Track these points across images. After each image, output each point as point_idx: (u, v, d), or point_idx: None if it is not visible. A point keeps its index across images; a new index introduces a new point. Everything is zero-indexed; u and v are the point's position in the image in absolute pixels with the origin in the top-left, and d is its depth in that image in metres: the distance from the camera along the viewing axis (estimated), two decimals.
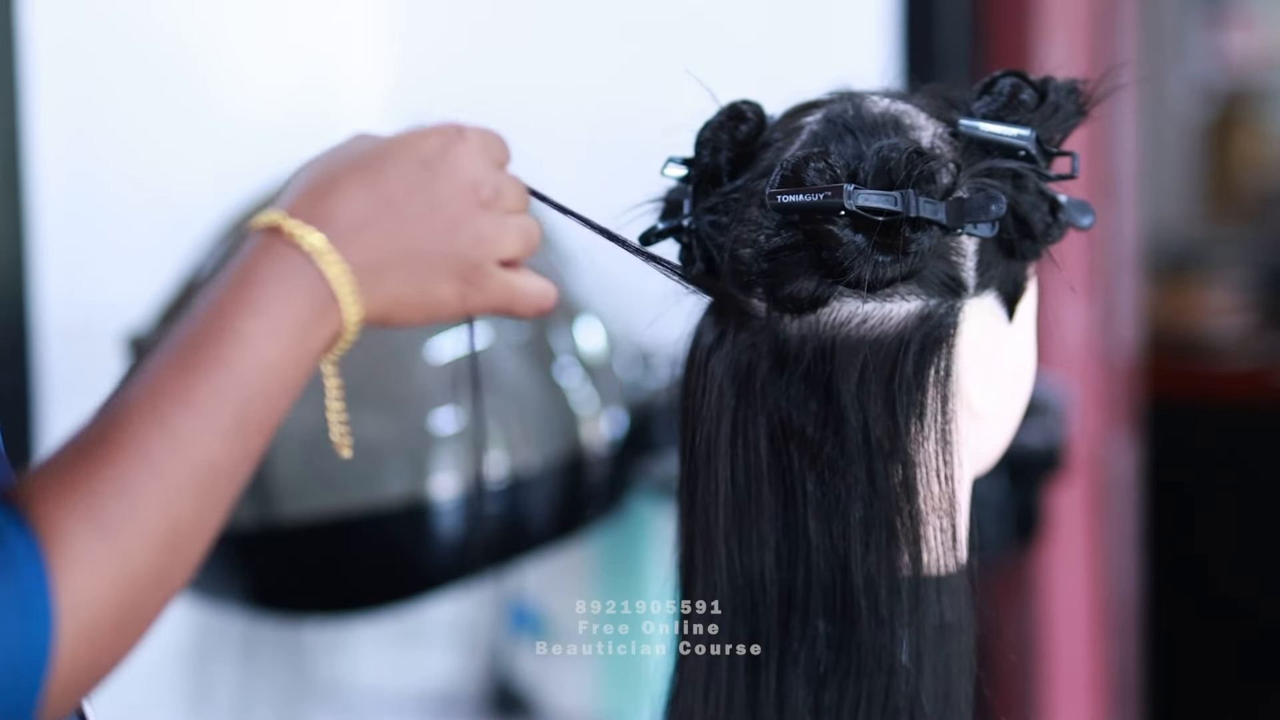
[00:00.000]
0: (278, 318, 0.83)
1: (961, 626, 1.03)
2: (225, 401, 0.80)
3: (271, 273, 0.84)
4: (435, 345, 1.85)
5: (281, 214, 0.87)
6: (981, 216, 1.01)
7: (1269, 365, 3.59)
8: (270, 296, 0.83)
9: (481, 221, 0.90)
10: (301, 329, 0.84)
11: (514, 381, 1.87)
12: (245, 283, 0.83)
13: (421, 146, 0.89)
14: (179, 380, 0.80)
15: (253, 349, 0.81)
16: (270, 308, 0.83)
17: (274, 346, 0.82)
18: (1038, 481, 2.19)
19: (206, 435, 0.79)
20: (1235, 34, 4.18)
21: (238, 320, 0.82)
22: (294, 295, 0.84)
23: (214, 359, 0.80)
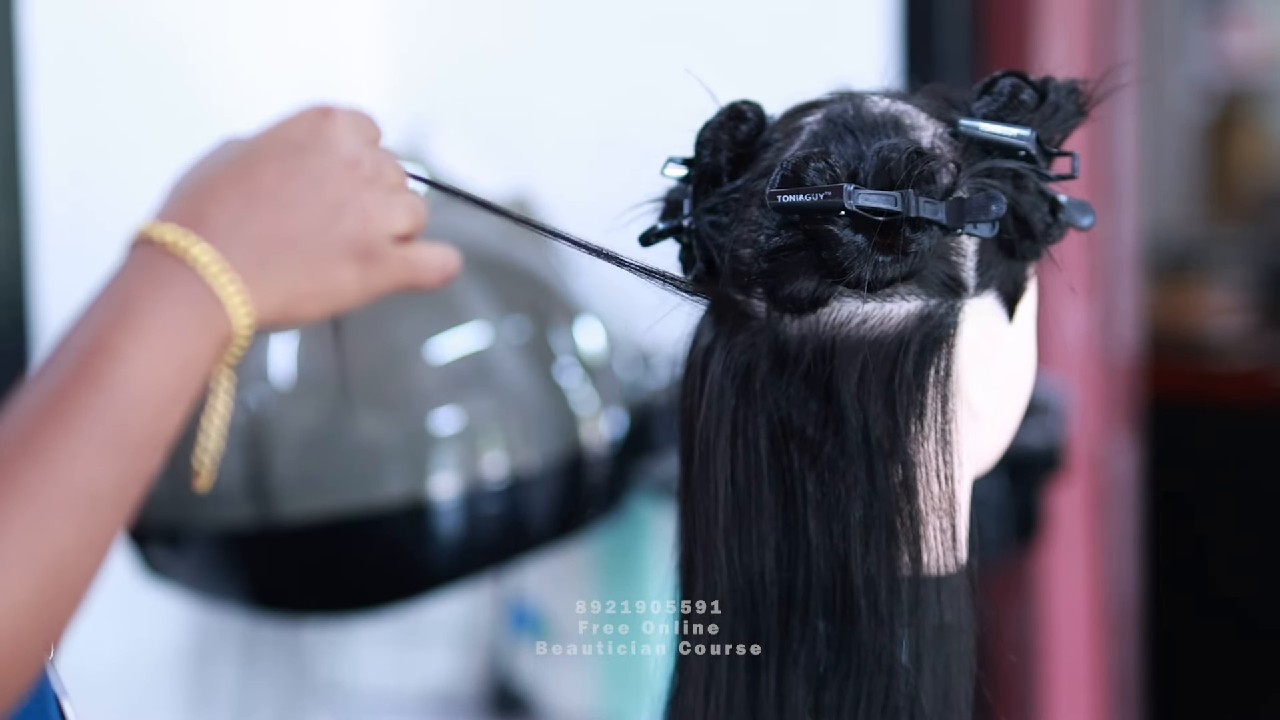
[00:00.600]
0: (154, 331, 0.79)
1: (961, 626, 1.03)
2: (99, 422, 0.76)
3: (146, 284, 0.80)
4: (435, 345, 1.85)
5: (153, 222, 0.83)
6: (981, 216, 1.01)
7: (1269, 365, 3.59)
8: (146, 309, 0.79)
9: (366, 198, 0.85)
10: (182, 340, 0.79)
11: (514, 381, 1.87)
12: (119, 296, 0.80)
13: (290, 132, 0.85)
14: (50, 402, 0.76)
15: (128, 366, 0.77)
16: (146, 321, 0.79)
17: (151, 361, 0.78)
18: (1038, 481, 2.19)
19: (82, 458, 0.75)
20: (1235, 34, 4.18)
21: (112, 337, 0.78)
22: (172, 306, 0.80)
23: (86, 379, 0.76)
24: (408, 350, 1.84)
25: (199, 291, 0.80)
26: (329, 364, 1.83)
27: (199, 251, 0.81)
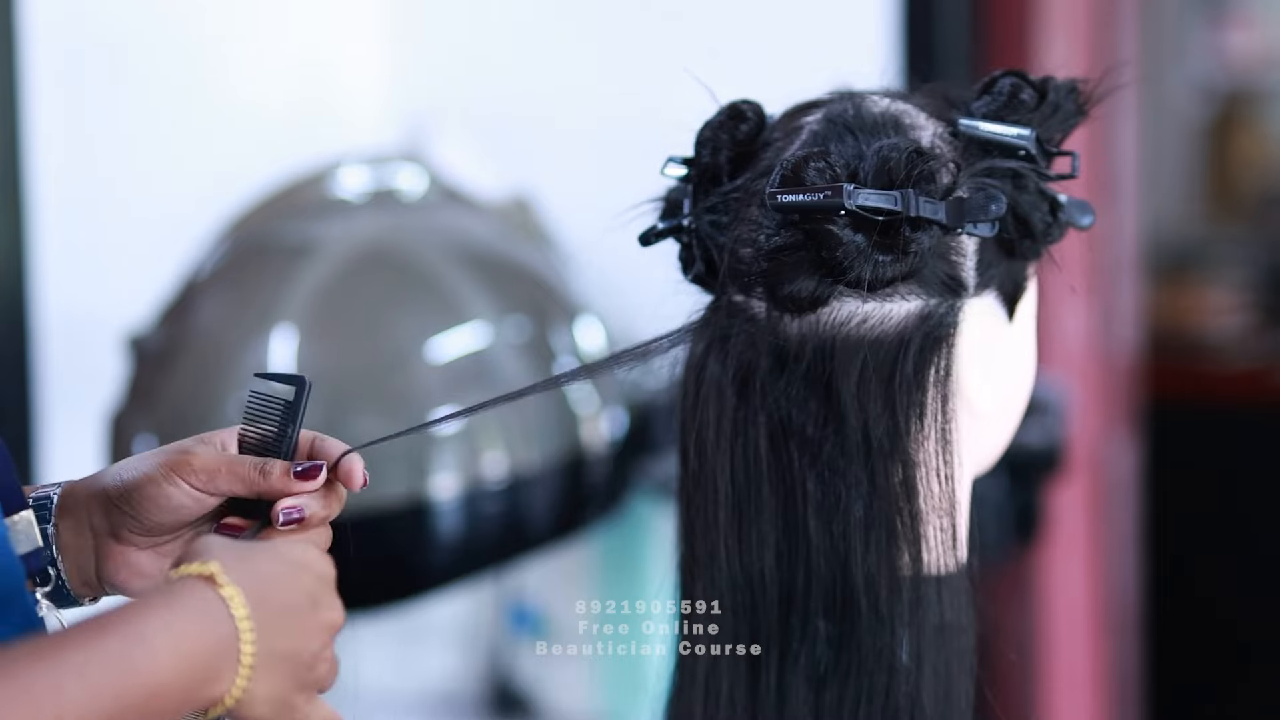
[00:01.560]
0: (183, 648, 0.83)
1: (961, 626, 1.03)
2: (114, 698, 0.80)
3: (194, 607, 0.85)
4: (435, 345, 1.85)
5: (215, 565, 0.86)
6: (981, 216, 1.01)
7: (1269, 365, 3.59)
8: (187, 628, 0.84)
9: (330, 647, 0.92)
10: (193, 670, 0.84)
11: (514, 381, 1.87)
12: (167, 605, 0.84)
13: (306, 552, 0.92)
14: (76, 654, 0.80)
15: (152, 660, 0.82)
16: (181, 635, 0.83)
17: (168, 669, 0.82)
18: (1038, 481, 2.18)
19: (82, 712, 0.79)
20: (1235, 34, 4.18)
21: (152, 635, 0.82)
22: (203, 639, 0.84)
23: (120, 656, 0.81)
24: (408, 350, 1.84)
25: (222, 633, 0.85)
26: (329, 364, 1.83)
27: (244, 617, 0.86)
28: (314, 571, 0.91)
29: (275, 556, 0.90)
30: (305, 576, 0.91)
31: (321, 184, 1.99)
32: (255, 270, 1.89)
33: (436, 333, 1.85)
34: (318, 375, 1.83)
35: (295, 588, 0.90)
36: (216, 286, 1.90)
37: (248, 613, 0.85)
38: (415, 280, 1.88)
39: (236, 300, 1.87)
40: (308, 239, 1.90)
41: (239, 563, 0.87)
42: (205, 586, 0.85)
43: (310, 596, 0.90)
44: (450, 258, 1.90)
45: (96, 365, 2.04)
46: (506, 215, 2.09)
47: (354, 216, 1.95)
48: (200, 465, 0.95)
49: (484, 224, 2.02)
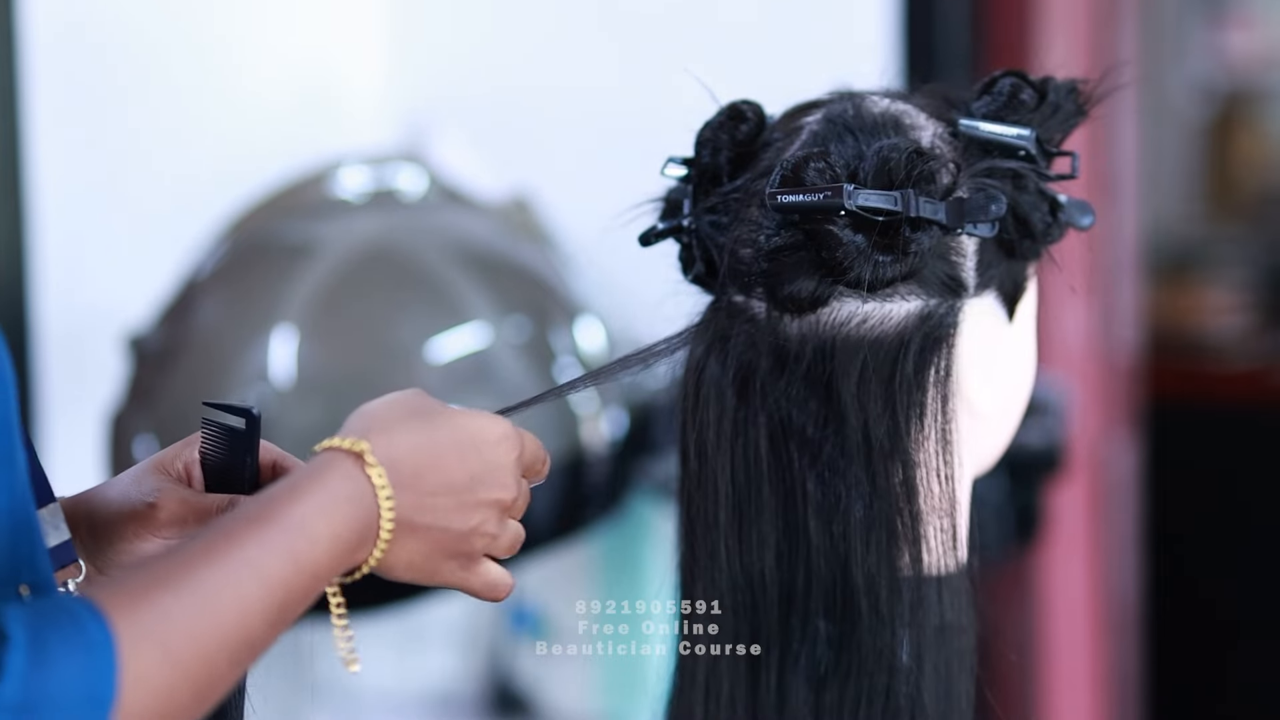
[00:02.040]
0: (339, 533, 0.88)
1: (962, 626, 1.03)
2: (283, 587, 0.85)
3: (345, 492, 0.89)
4: (435, 345, 1.85)
5: (365, 445, 0.91)
6: (981, 216, 1.01)
7: (1269, 365, 3.59)
8: (340, 512, 0.88)
9: (495, 523, 0.94)
10: (346, 551, 0.89)
11: (514, 381, 1.87)
12: (323, 490, 0.89)
13: (479, 433, 0.94)
14: (254, 551, 0.85)
15: (313, 551, 0.87)
16: (336, 521, 0.88)
17: (326, 555, 0.87)
18: (1038, 481, 2.18)
19: (260, 610, 0.84)
20: (1235, 34, 4.17)
21: (309, 521, 0.87)
22: (354, 520, 0.89)
23: (285, 547, 0.86)
24: (408, 350, 1.84)
25: (372, 519, 0.89)
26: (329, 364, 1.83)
27: (382, 488, 0.90)
28: (483, 453, 0.93)
29: (442, 430, 0.93)
30: (470, 455, 0.93)
31: (321, 184, 1.99)
32: (255, 270, 1.89)
33: (436, 333, 1.85)
34: (318, 375, 1.84)
35: (455, 465, 0.92)
36: (216, 286, 1.89)
37: (390, 492, 0.89)
38: (415, 280, 1.88)
39: (236, 300, 1.87)
40: (308, 239, 1.90)
41: (392, 438, 0.91)
42: (354, 465, 0.89)
43: (471, 475, 0.93)
44: (450, 258, 1.90)
45: (96, 365, 2.04)
46: (506, 215, 2.09)
47: (354, 216, 1.95)
48: (168, 518, 0.97)
49: (484, 224, 2.02)
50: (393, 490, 0.90)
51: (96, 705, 0.78)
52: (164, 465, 0.99)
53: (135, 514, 0.97)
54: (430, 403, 0.95)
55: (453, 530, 0.92)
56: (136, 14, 2.25)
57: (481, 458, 0.93)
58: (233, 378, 1.79)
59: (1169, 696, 2.96)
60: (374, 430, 0.92)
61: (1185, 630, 3.20)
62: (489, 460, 0.94)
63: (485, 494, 0.93)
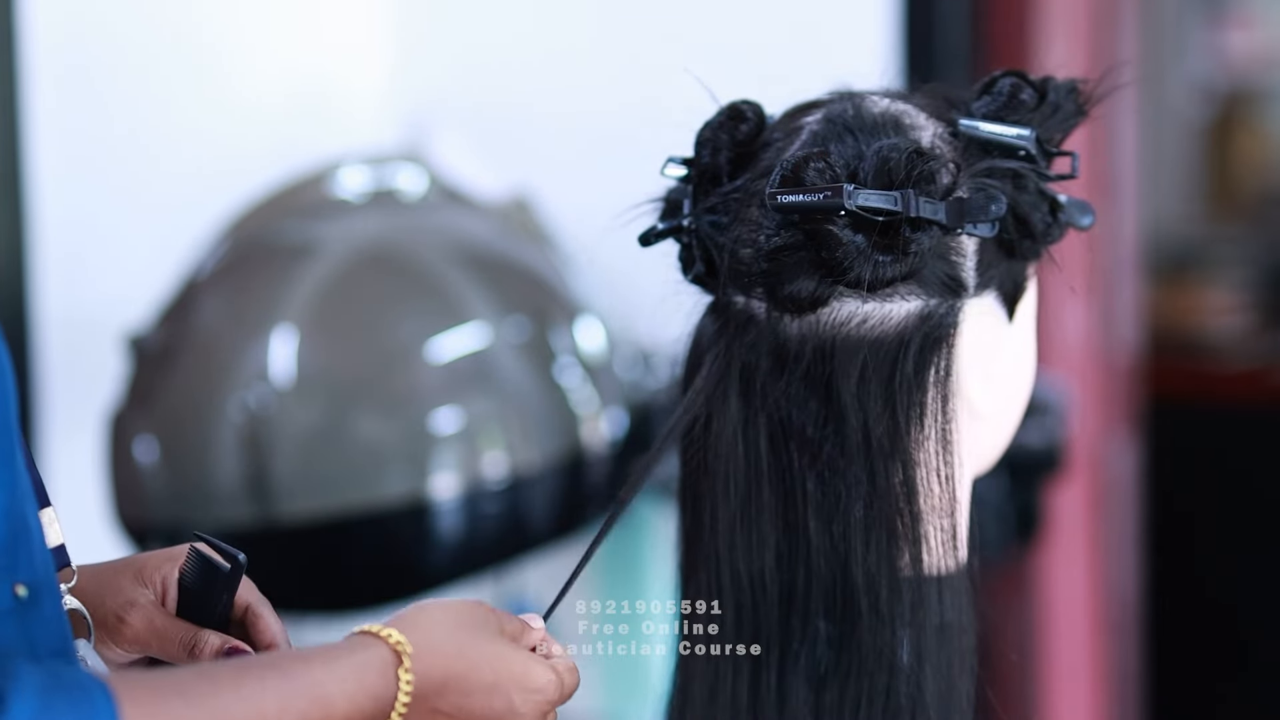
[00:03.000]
0: (350, 707, 0.88)
1: (962, 626, 1.03)
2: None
3: (374, 688, 0.90)
4: (435, 345, 1.85)
5: (411, 650, 0.91)
6: (981, 216, 1.01)
7: (1269, 365, 3.59)
8: (361, 703, 0.89)
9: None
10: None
11: (514, 381, 1.87)
12: (356, 679, 0.89)
13: (521, 678, 0.94)
14: (269, 698, 0.86)
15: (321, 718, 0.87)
16: (354, 709, 0.89)
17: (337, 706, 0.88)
18: (1038, 481, 2.18)
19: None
20: (1235, 34, 4.17)
21: (335, 703, 0.88)
22: (371, 713, 0.89)
23: (299, 711, 0.86)
24: (408, 350, 1.84)
25: (385, 699, 0.90)
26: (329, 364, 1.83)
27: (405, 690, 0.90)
28: (514, 697, 0.94)
29: (486, 657, 0.93)
30: (500, 694, 0.93)
31: (321, 184, 1.99)
32: (255, 270, 1.89)
33: (436, 333, 1.85)
34: (318, 375, 1.84)
35: (481, 697, 0.93)
36: (216, 286, 1.89)
37: (409, 700, 0.90)
38: (415, 280, 1.88)
39: (236, 300, 1.87)
40: (308, 239, 1.90)
41: (434, 646, 0.92)
42: (392, 661, 0.90)
43: (493, 711, 0.93)
44: (450, 258, 1.90)
45: (96, 365, 2.04)
46: (506, 215, 2.09)
47: (354, 216, 1.95)
48: (132, 636, 0.98)
49: (484, 224, 2.02)
50: (413, 699, 0.90)
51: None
52: (144, 574, 1.00)
53: (103, 620, 0.98)
54: (489, 623, 0.95)
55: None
56: (137, 13, 2.25)
57: (510, 700, 0.94)
58: (233, 378, 1.79)
59: (1169, 696, 2.96)
60: (422, 632, 0.92)
61: (1185, 630, 3.20)
62: (516, 705, 0.94)
63: (499, 712, 0.93)
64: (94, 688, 0.80)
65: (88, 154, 2.19)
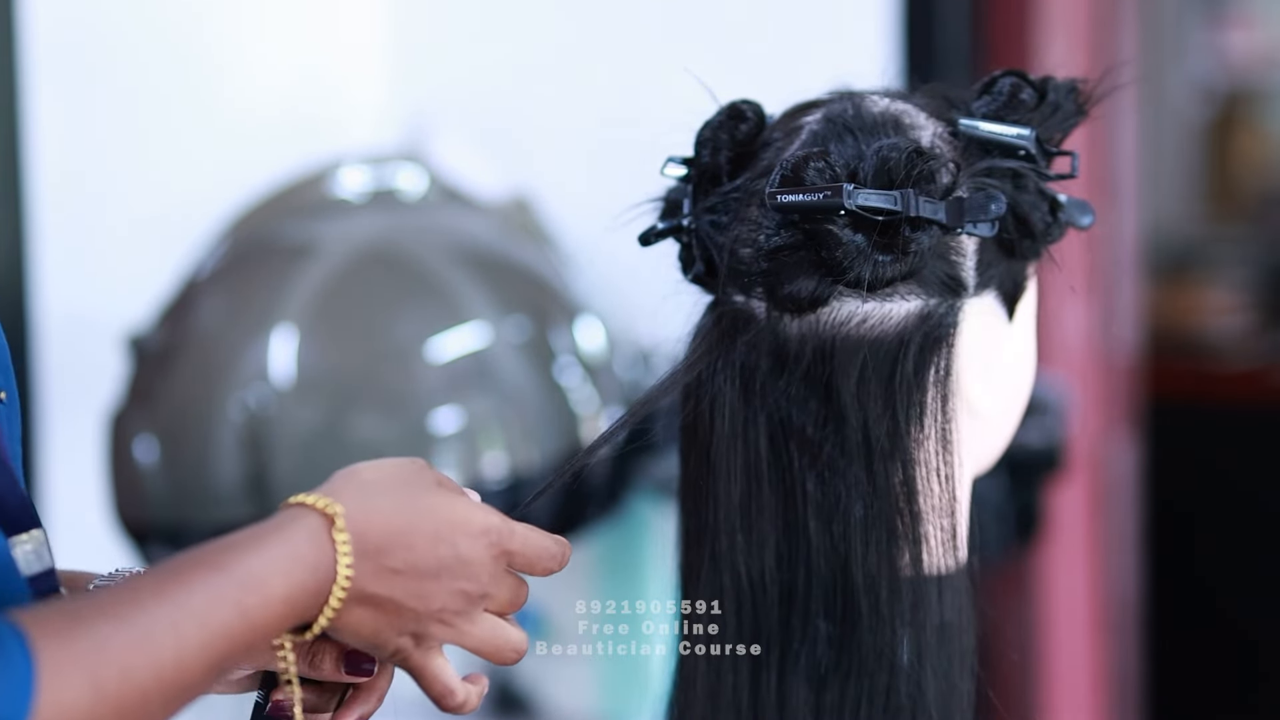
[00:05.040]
0: (293, 594, 0.87)
1: (962, 626, 1.03)
2: (226, 637, 0.84)
3: (307, 556, 0.88)
4: (435, 345, 1.85)
5: (339, 509, 0.89)
6: (981, 216, 1.01)
7: (1269, 365, 3.59)
8: (297, 575, 0.87)
9: (459, 613, 0.93)
10: (296, 612, 0.88)
11: (514, 381, 1.87)
12: (284, 547, 0.87)
13: (461, 528, 0.93)
14: (201, 597, 0.84)
15: (263, 609, 0.86)
16: (293, 582, 0.87)
17: (276, 612, 0.86)
18: (1038, 481, 2.18)
19: (199, 655, 0.83)
20: (1235, 34, 4.18)
21: (265, 576, 0.86)
22: (310, 584, 0.88)
23: (234, 599, 0.84)
24: (408, 350, 1.84)
25: (324, 577, 0.88)
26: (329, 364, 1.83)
27: (344, 555, 0.89)
28: (458, 543, 0.92)
29: (422, 509, 0.92)
30: (444, 542, 0.92)
31: (321, 184, 1.99)
32: (255, 270, 1.89)
33: (436, 333, 1.85)
34: (318, 375, 1.84)
35: (425, 548, 0.91)
36: (216, 286, 1.90)
37: (351, 560, 0.89)
38: (415, 280, 1.88)
39: (236, 300, 1.87)
40: (308, 239, 1.90)
41: (368, 506, 0.90)
42: (322, 527, 0.89)
43: (439, 561, 0.91)
44: (450, 258, 1.90)
45: (96, 365, 2.04)
46: (506, 215, 2.09)
47: (354, 216, 1.95)
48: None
49: (484, 224, 2.02)
50: (354, 559, 0.89)
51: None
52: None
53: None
54: (423, 477, 0.94)
55: (407, 609, 0.91)
56: (138, 12, 2.25)
57: (455, 547, 0.92)
58: (233, 378, 1.79)
59: (1169, 696, 2.96)
60: (352, 493, 0.91)
61: (1185, 630, 3.20)
62: (463, 551, 0.92)
63: (451, 583, 0.92)
64: (6, 634, 0.78)
65: (88, 155, 2.19)
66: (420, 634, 0.93)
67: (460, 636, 0.94)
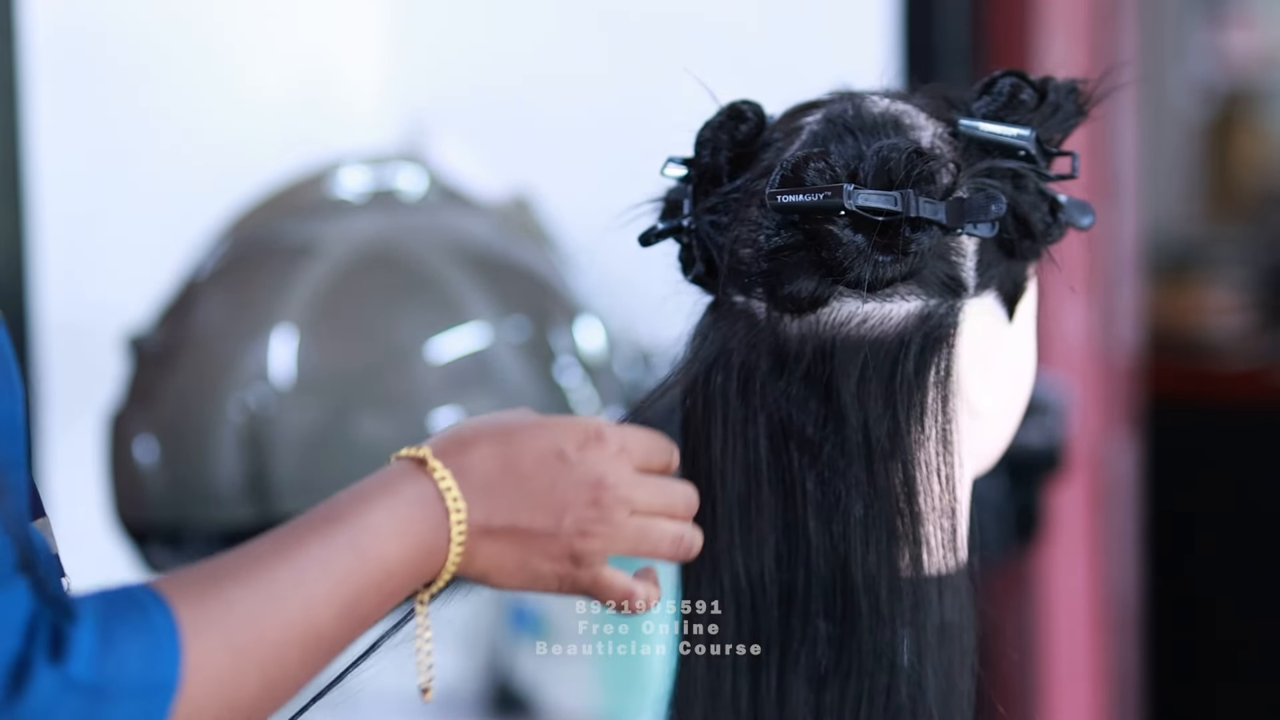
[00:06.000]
0: (406, 530, 0.90)
1: (962, 626, 1.03)
2: (350, 582, 0.88)
3: (410, 493, 0.91)
4: (435, 345, 1.85)
5: (428, 451, 0.93)
6: (981, 216, 1.00)
7: (1269, 365, 3.59)
8: (405, 511, 0.90)
9: (590, 516, 0.95)
10: (417, 551, 0.90)
11: (514, 382, 1.87)
12: (387, 492, 0.91)
13: (562, 436, 0.95)
14: (320, 548, 0.87)
15: (380, 546, 0.89)
16: (401, 519, 0.90)
17: (395, 552, 0.89)
18: (1038, 481, 2.18)
19: (327, 605, 0.87)
20: (1235, 34, 4.18)
21: (374, 518, 0.89)
22: (420, 520, 0.91)
23: (349, 542, 0.88)
24: (408, 350, 1.84)
25: (440, 523, 0.91)
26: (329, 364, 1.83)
27: (454, 494, 0.92)
28: (566, 454, 0.94)
29: (521, 437, 0.94)
30: (549, 459, 0.94)
31: (321, 184, 1.99)
32: (255, 270, 1.89)
33: (436, 333, 1.85)
34: (318, 375, 1.84)
35: (532, 469, 0.93)
36: (216, 286, 1.90)
37: (457, 494, 0.91)
38: (415, 280, 1.88)
39: (236, 300, 1.87)
40: (308, 239, 1.90)
41: (467, 448, 0.93)
42: (418, 469, 0.92)
43: (551, 477, 0.93)
44: (450, 258, 1.90)
45: (96, 365, 2.04)
46: (506, 215, 2.09)
47: (354, 216, 1.95)
48: None
49: (484, 224, 2.02)
50: (460, 493, 0.91)
51: (160, 689, 0.80)
52: None
53: None
54: (526, 416, 0.96)
55: (539, 532, 0.93)
56: (137, 12, 2.25)
57: (563, 459, 0.94)
58: (233, 378, 1.79)
59: (1169, 696, 2.96)
60: (450, 441, 0.94)
61: (1185, 630, 3.20)
62: (572, 460, 0.94)
63: (571, 493, 0.94)
64: (148, 600, 0.81)
65: (88, 155, 2.19)
66: (572, 553, 0.94)
67: (610, 544, 0.95)
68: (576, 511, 0.94)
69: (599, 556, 0.95)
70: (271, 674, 0.84)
